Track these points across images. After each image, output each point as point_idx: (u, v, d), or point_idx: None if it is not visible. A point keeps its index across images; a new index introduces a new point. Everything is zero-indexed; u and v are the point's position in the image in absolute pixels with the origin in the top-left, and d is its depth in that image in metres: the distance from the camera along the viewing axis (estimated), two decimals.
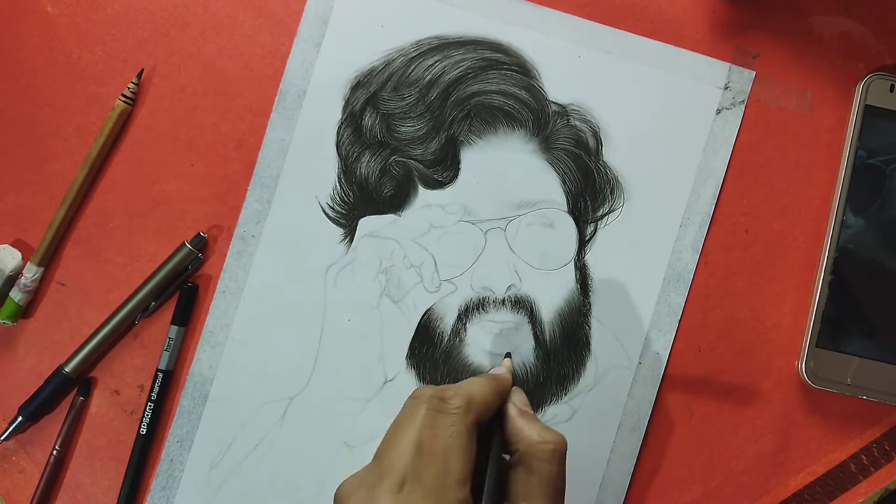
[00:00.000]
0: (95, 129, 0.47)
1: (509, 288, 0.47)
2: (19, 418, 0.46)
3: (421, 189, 0.47)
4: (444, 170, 0.47)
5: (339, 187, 0.47)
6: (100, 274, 0.47)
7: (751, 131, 0.47)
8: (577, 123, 0.47)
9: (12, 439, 0.47)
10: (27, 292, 0.47)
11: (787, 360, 0.47)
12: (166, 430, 0.47)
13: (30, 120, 0.48)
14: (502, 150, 0.47)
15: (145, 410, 0.46)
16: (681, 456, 0.47)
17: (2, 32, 0.48)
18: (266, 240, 0.47)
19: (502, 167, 0.47)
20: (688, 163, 0.47)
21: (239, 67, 0.48)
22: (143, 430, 0.46)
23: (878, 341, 0.46)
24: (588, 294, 0.47)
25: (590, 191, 0.47)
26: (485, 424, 0.35)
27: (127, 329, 0.47)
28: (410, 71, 0.47)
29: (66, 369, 0.46)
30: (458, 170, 0.47)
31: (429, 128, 0.47)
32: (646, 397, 0.47)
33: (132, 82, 0.47)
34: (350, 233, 0.47)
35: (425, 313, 0.47)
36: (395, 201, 0.47)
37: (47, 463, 0.47)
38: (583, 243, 0.47)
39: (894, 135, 0.46)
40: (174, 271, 0.47)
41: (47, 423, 0.47)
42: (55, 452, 0.46)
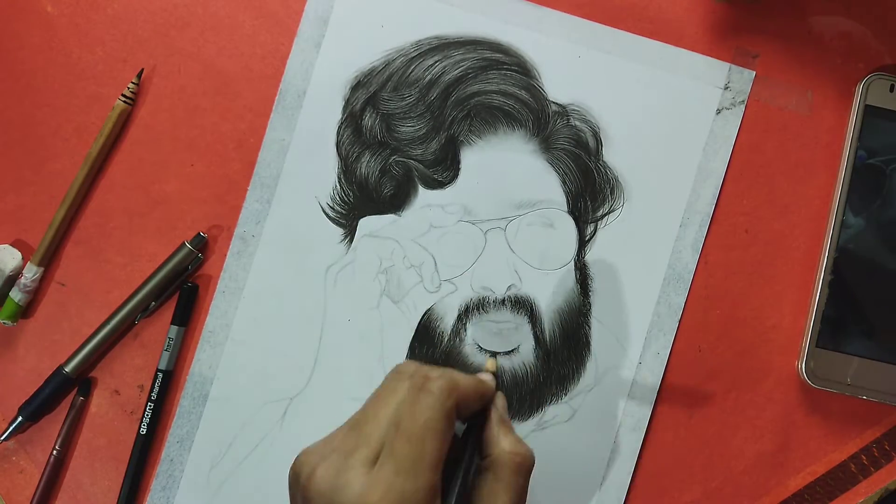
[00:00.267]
0: (95, 129, 0.47)
1: (509, 288, 0.47)
2: (19, 418, 0.46)
3: (421, 189, 0.47)
4: (444, 170, 0.47)
5: (339, 187, 0.47)
6: (100, 274, 0.47)
7: (751, 131, 0.47)
8: (577, 123, 0.47)
9: (12, 439, 0.47)
10: (27, 292, 0.47)
11: (787, 360, 0.47)
12: (166, 430, 0.47)
13: (30, 120, 0.48)
14: (502, 150, 0.47)
15: (145, 410, 0.46)
16: (681, 456, 0.47)
17: (2, 32, 0.48)
18: (266, 240, 0.47)
19: (502, 167, 0.47)
20: (688, 163, 0.47)
21: (239, 67, 0.48)
22: (143, 430, 0.46)
23: (878, 341, 0.46)
24: (588, 294, 0.47)
25: (590, 191, 0.47)
26: (463, 421, 0.36)
27: (127, 329, 0.47)
28: (410, 71, 0.47)
29: (66, 369, 0.46)
30: (458, 170, 0.47)
31: (429, 128, 0.47)
32: (646, 397, 0.47)
33: (132, 82, 0.47)
34: (350, 233, 0.47)
35: (425, 313, 0.47)
36: (395, 201, 0.47)
37: (47, 463, 0.47)
38: (583, 243, 0.47)
39: (894, 135, 0.46)
40: (174, 271, 0.47)
41: (47, 423, 0.47)
42: (55, 452, 0.46)
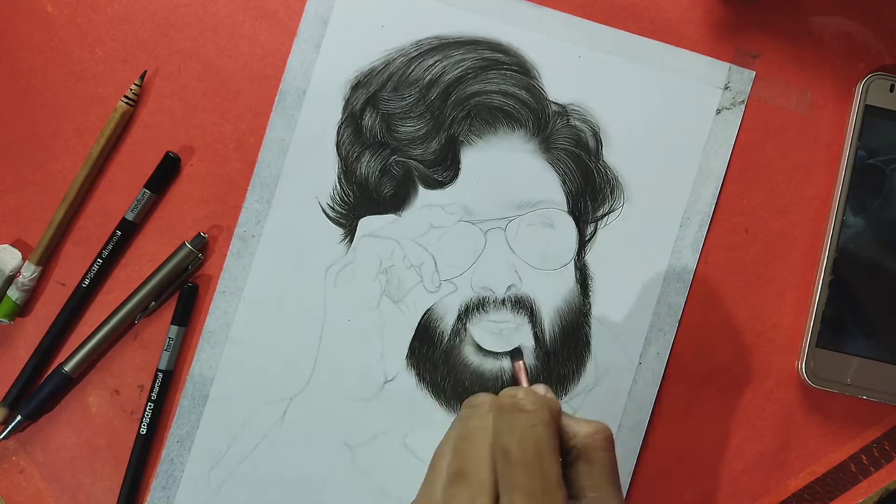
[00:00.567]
0: (95, 129, 0.47)
1: (509, 288, 0.47)
2: (18, 417, 0.46)
3: (421, 189, 0.47)
4: (444, 170, 0.47)
5: (339, 187, 0.47)
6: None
7: (751, 131, 0.47)
8: (577, 123, 0.47)
9: (12, 439, 0.47)
10: (24, 291, 0.47)
11: (787, 360, 0.47)
12: (166, 430, 0.47)
13: (30, 120, 0.48)
14: (502, 150, 0.47)
15: (145, 410, 0.46)
16: (681, 456, 0.47)
17: (2, 32, 0.48)
18: (266, 240, 0.47)
19: (502, 167, 0.47)
20: (688, 163, 0.47)
21: (239, 67, 0.48)
22: (143, 430, 0.46)
23: (878, 341, 0.46)
24: (588, 294, 0.47)
25: (590, 191, 0.47)
26: None
27: (127, 329, 0.47)
28: (410, 71, 0.47)
29: (66, 368, 0.46)
30: (458, 170, 0.47)
31: (429, 128, 0.47)
32: (646, 397, 0.47)
33: (135, 84, 0.47)
34: (350, 233, 0.47)
35: (425, 313, 0.47)
36: (395, 201, 0.47)
37: (47, 463, 0.46)
38: (583, 243, 0.47)
39: (894, 135, 0.46)
40: (174, 271, 0.47)
41: (47, 423, 0.47)
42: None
